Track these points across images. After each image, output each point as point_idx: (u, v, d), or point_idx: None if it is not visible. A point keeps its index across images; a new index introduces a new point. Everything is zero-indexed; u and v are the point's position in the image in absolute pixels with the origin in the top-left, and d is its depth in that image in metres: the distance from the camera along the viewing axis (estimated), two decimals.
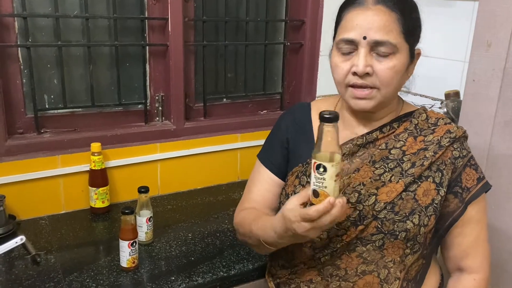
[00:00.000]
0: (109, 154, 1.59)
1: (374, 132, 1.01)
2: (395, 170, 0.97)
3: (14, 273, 1.21)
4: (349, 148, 1.01)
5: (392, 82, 0.94)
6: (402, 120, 1.03)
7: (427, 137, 1.00)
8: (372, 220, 0.95)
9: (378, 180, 0.97)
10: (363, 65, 0.91)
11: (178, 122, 1.73)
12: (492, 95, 1.32)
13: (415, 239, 0.96)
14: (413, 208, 0.94)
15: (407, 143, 1.00)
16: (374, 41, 0.91)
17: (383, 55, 0.92)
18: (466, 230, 1.00)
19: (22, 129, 1.53)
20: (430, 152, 0.97)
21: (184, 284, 1.19)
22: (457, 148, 0.99)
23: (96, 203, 1.53)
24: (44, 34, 1.52)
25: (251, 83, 1.96)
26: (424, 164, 0.96)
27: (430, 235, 1.00)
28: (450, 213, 0.99)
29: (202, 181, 1.82)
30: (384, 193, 0.95)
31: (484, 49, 1.33)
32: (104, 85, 1.66)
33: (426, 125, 1.02)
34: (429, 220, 0.95)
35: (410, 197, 0.95)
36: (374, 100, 0.95)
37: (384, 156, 0.99)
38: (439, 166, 0.98)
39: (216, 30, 1.82)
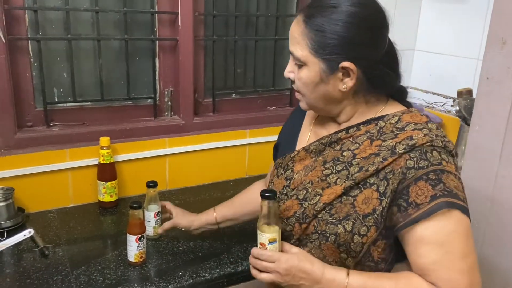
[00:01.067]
0: (117, 148, 1.59)
1: (340, 132, 0.99)
2: (342, 172, 0.94)
3: (22, 265, 1.21)
4: (315, 146, 1.02)
5: (305, 91, 0.95)
6: (371, 122, 0.97)
7: (385, 142, 0.92)
8: (312, 219, 0.94)
9: (324, 181, 0.96)
10: (286, 71, 0.97)
11: (187, 117, 1.72)
12: (506, 94, 1.29)
13: (348, 245, 0.90)
14: (349, 213, 0.90)
15: (361, 147, 0.95)
16: (290, 50, 0.95)
17: (297, 65, 0.94)
18: (420, 251, 0.85)
19: (32, 122, 1.53)
20: (379, 158, 0.90)
21: (191, 279, 1.19)
22: (413, 157, 0.87)
23: (104, 197, 1.54)
24: (54, 27, 1.52)
25: (260, 78, 1.94)
26: (368, 169, 0.90)
27: (378, 249, 0.92)
28: (393, 227, 0.89)
29: (210, 177, 1.81)
30: (327, 195, 0.94)
31: (499, 47, 1.30)
32: (113, 79, 1.66)
33: (390, 129, 0.93)
34: (368, 230, 0.88)
35: (349, 202, 0.91)
36: (303, 102, 1.00)
37: (335, 157, 0.97)
38: (386, 175, 0.88)
39: (226, 25, 1.81)
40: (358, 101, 0.97)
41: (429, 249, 0.84)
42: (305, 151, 1.03)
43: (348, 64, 0.89)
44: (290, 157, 1.06)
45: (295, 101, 2.01)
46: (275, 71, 1.94)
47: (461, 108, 1.63)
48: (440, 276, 0.83)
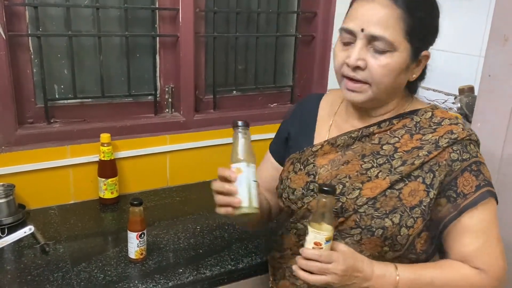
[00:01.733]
0: (118, 145, 1.59)
1: (372, 126, 0.99)
2: (384, 166, 0.94)
3: (23, 262, 1.21)
4: (343, 140, 1.00)
5: (384, 81, 0.90)
6: (404, 116, 0.99)
7: (425, 136, 0.95)
8: (352, 214, 0.93)
9: (364, 175, 0.95)
10: (354, 58, 0.89)
11: (188, 114, 1.72)
12: (508, 91, 1.28)
13: (394, 238, 0.91)
14: (396, 206, 0.91)
15: (402, 140, 0.96)
16: (370, 34, 0.88)
17: (378, 51, 0.88)
18: (464, 240, 0.91)
19: (32, 119, 1.53)
20: (424, 152, 0.93)
21: (192, 276, 1.19)
22: (456, 150, 0.92)
23: (105, 194, 1.54)
24: (54, 24, 1.51)
25: (261, 75, 1.94)
26: (414, 163, 0.92)
27: (421, 241, 0.94)
28: (441, 218, 0.93)
29: (211, 174, 1.79)
30: (369, 188, 0.93)
31: (501, 43, 1.30)
32: (114, 76, 1.65)
33: (427, 123, 0.97)
34: (415, 222, 0.90)
35: (394, 195, 0.92)
36: (364, 95, 0.93)
37: (375, 151, 0.97)
38: (432, 167, 0.92)
39: (227, 21, 1.81)
40: (404, 94, 0.99)
41: (473, 237, 0.91)
42: (330, 145, 1.01)
43: (427, 53, 0.93)
44: (312, 151, 1.02)
45: (296, 98, 2.01)
46: (276, 68, 1.93)
47: (463, 105, 1.62)
48: (484, 261, 0.90)
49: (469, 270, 0.90)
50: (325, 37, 1.91)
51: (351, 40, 0.91)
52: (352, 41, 0.91)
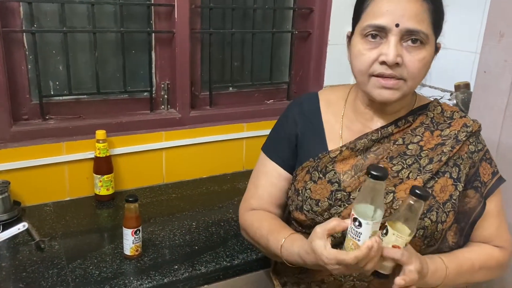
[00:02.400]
0: (114, 142, 1.58)
1: (389, 126, 0.98)
2: (413, 166, 0.94)
3: (18, 258, 1.21)
4: (363, 143, 0.97)
5: (420, 75, 0.90)
6: (417, 113, 1.00)
7: (443, 131, 0.98)
8: None
9: (396, 177, 0.94)
10: (394, 55, 0.85)
11: (184, 111, 1.72)
12: (503, 87, 1.29)
13: (432, 235, 0.93)
14: (431, 205, 0.92)
15: (424, 138, 0.97)
16: (406, 29, 0.85)
17: (413, 46, 0.87)
18: (485, 224, 0.99)
19: (27, 115, 1.52)
20: (448, 147, 0.95)
21: (187, 273, 1.19)
22: (472, 142, 0.98)
23: (101, 191, 1.53)
24: (49, 20, 1.51)
25: (257, 72, 1.93)
26: (442, 159, 0.94)
27: (452, 233, 0.96)
28: (472, 209, 0.97)
29: (207, 170, 1.81)
30: (402, 190, 0.92)
31: (496, 39, 1.30)
32: (109, 72, 1.65)
33: (442, 118, 1.00)
34: (447, 216, 0.93)
35: None
36: (400, 91, 0.90)
37: (402, 152, 0.96)
38: (456, 161, 0.95)
39: (223, 17, 1.80)
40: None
41: (492, 220, 0.99)
42: (349, 150, 0.97)
43: (440, 44, 0.95)
44: (331, 158, 0.97)
45: (292, 95, 2.01)
46: (273, 64, 1.93)
47: (459, 102, 1.62)
48: (502, 239, 1.00)
49: (493, 249, 0.99)
50: (322, 33, 1.91)
51: (380, 37, 0.88)
52: (381, 37, 0.88)
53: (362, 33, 0.89)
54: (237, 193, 1.66)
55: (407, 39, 0.87)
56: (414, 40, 0.87)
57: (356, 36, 0.92)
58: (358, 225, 0.79)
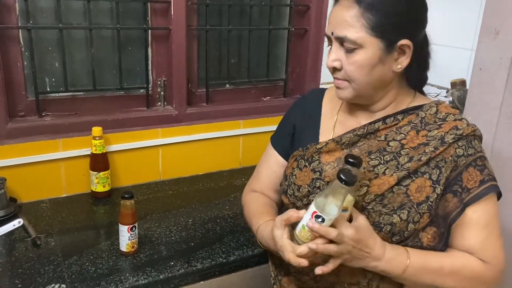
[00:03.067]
0: (110, 139, 1.58)
1: (377, 123, 0.99)
2: (391, 163, 0.95)
3: (14, 255, 1.21)
4: (349, 138, 1.00)
5: (358, 77, 0.92)
6: (409, 112, 1.00)
7: (431, 132, 0.96)
8: (360, 211, 0.93)
9: (371, 172, 0.95)
10: (330, 60, 0.94)
11: (180, 107, 1.72)
12: (498, 85, 1.29)
13: (402, 234, 0.93)
14: (403, 203, 0.92)
15: (408, 137, 0.97)
16: (337, 36, 0.92)
17: (348, 50, 0.91)
18: (466, 233, 0.94)
19: (23, 112, 1.52)
20: (431, 148, 0.94)
21: (183, 269, 1.19)
22: (462, 146, 0.94)
23: (97, 187, 1.53)
24: (45, 17, 1.50)
25: (254, 69, 1.93)
26: (421, 159, 0.93)
27: (428, 235, 0.95)
28: (449, 213, 0.94)
29: (204, 167, 1.81)
30: (376, 185, 0.94)
31: (492, 37, 1.30)
32: (105, 69, 1.64)
33: (433, 119, 0.98)
34: (421, 217, 0.92)
35: (402, 191, 0.93)
36: (347, 91, 0.96)
37: (381, 148, 0.97)
38: (438, 163, 0.93)
39: (220, 14, 1.80)
40: (402, 86, 1.00)
41: (477, 231, 0.93)
42: (335, 143, 1.01)
43: (405, 42, 0.91)
44: (316, 148, 1.02)
45: (289, 92, 2.01)
46: (269, 61, 1.93)
47: (454, 99, 1.63)
48: (487, 254, 0.94)
49: (475, 261, 0.93)
50: (318, 30, 1.91)
51: (330, 44, 0.96)
52: (330, 44, 0.96)
53: None
54: (234, 190, 1.66)
55: (344, 44, 0.92)
56: (347, 44, 0.91)
57: None
58: (320, 221, 0.84)
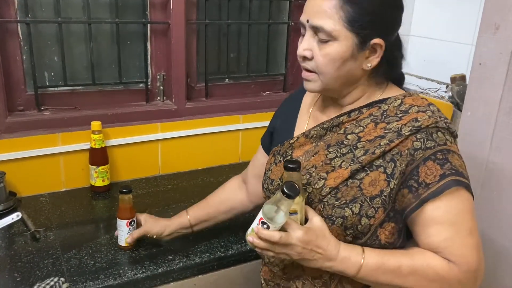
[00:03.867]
0: (109, 133, 1.58)
1: (342, 116, 0.99)
2: (347, 156, 0.94)
3: (13, 248, 1.22)
4: (316, 131, 1.00)
5: (327, 70, 0.90)
6: (373, 105, 0.98)
7: (390, 124, 0.93)
8: (318, 204, 0.93)
9: (328, 164, 0.95)
10: (302, 48, 0.91)
11: (180, 102, 1.72)
12: (498, 80, 1.29)
13: (355, 228, 0.91)
14: (356, 196, 0.90)
15: (366, 130, 0.95)
16: (312, 25, 0.89)
17: (322, 41, 0.89)
18: (429, 230, 0.89)
19: (23, 106, 1.52)
20: (386, 140, 0.91)
21: (181, 263, 1.20)
22: (420, 138, 0.89)
23: (96, 182, 1.54)
24: (44, 11, 1.50)
25: (254, 63, 1.93)
26: (375, 152, 0.90)
27: (386, 232, 0.92)
28: (404, 208, 0.91)
29: (203, 162, 1.81)
30: (332, 179, 0.93)
31: (492, 31, 1.30)
32: (105, 63, 1.64)
33: (394, 111, 0.95)
34: (376, 212, 0.89)
35: (355, 185, 0.91)
36: (315, 84, 0.93)
37: (339, 141, 0.96)
38: (393, 156, 0.90)
39: (219, 8, 1.79)
40: (370, 83, 0.98)
41: (440, 228, 0.88)
42: (304, 136, 1.02)
43: (378, 41, 0.89)
44: (289, 144, 1.04)
45: (289, 87, 2.01)
46: (269, 56, 1.92)
47: (454, 94, 1.63)
48: (453, 252, 0.87)
49: (438, 260, 0.88)
50: None
51: (303, 32, 0.93)
52: (304, 32, 0.93)
53: None
54: None
55: (317, 35, 0.89)
56: (321, 35, 0.89)
57: None
58: (266, 227, 0.86)
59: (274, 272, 1.05)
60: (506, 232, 1.29)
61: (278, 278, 1.04)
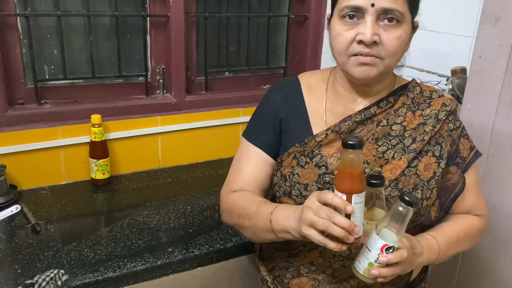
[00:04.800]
0: (109, 126, 1.59)
1: (372, 107, 0.99)
2: (398, 146, 0.96)
3: (14, 241, 1.23)
4: (348, 125, 0.98)
5: (397, 52, 0.92)
6: (398, 94, 1.02)
7: (424, 111, 1.01)
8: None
9: (381, 158, 0.95)
10: (370, 34, 0.87)
11: (179, 95, 1.72)
12: (498, 72, 1.28)
13: (418, 212, 0.95)
14: (416, 183, 0.95)
15: (407, 118, 0.99)
16: (382, 8, 0.87)
17: (389, 24, 0.89)
18: (466, 196, 1.03)
19: (23, 99, 1.52)
20: (430, 126, 0.98)
21: (180, 255, 1.20)
22: (451, 120, 1.01)
23: (97, 175, 1.54)
24: (43, 4, 1.50)
25: (254, 56, 1.93)
26: (424, 139, 0.97)
27: (435, 208, 0.99)
28: (454, 184, 1.00)
29: (203, 155, 1.82)
30: (388, 171, 0.94)
31: (492, 24, 1.29)
32: (104, 57, 1.64)
33: (421, 98, 1.03)
34: (432, 193, 0.96)
35: (413, 172, 0.95)
36: (377, 68, 0.91)
37: (386, 133, 0.98)
38: (437, 140, 0.98)
39: (219, 1, 1.79)
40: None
41: (471, 192, 1.04)
42: (335, 132, 0.98)
43: (417, 23, 0.96)
44: (317, 142, 0.98)
45: None
46: (269, 48, 1.92)
47: (454, 87, 1.62)
48: (480, 208, 1.07)
49: (473, 218, 1.05)
50: (318, 17, 1.89)
51: (357, 17, 0.89)
52: (358, 18, 0.89)
53: (340, 14, 0.91)
54: None
55: (384, 18, 0.89)
56: (390, 19, 0.89)
57: (334, 18, 0.94)
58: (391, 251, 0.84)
59: (318, 279, 1.02)
60: (506, 223, 1.29)
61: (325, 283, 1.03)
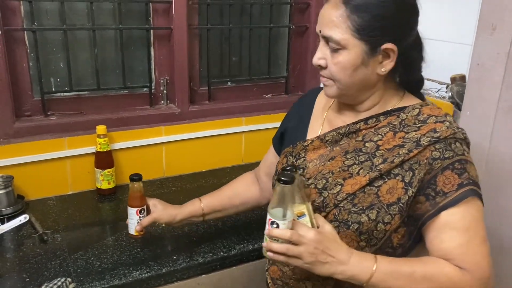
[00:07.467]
0: (114, 137, 1.62)
1: (359, 123, 1.00)
2: (365, 163, 0.95)
3: (22, 250, 1.25)
4: (332, 135, 1.02)
5: (340, 77, 0.93)
6: (392, 114, 0.99)
7: (408, 134, 0.95)
8: (333, 209, 0.95)
9: (346, 171, 0.96)
10: (316, 58, 0.95)
11: (183, 106, 1.75)
12: (496, 80, 1.30)
13: (370, 233, 0.92)
14: (373, 203, 0.92)
15: (385, 138, 0.96)
16: (323, 35, 0.93)
17: (333, 49, 0.92)
18: (444, 236, 0.89)
19: (30, 111, 1.56)
20: (405, 150, 0.93)
21: (185, 263, 1.22)
22: (439, 148, 0.91)
23: (102, 185, 1.57)
24: (49, 18, 1.54)
25: (255, 66, 1.96)
26: (394, 161, 0.92)
27: (398, 235, 0.95)
28: (420, 215, 0.92)
29: (207, 164, 1.84)
30: (349, 185, 0.94)
31: (489, 32, 1.31)
32: (109, 69, 1.68)
33: (413, 121, 0.96)
34: (392, 219, 0.91)
35: (373, 192, 0.93)
36: (332, 89, 0.96)
37: (357, 148, 0.98)
38: (412, 165, 0.91)
39: (221, 13, 1.82)
40: (387, 88, 0.99)
41: (454, 234, 0.89)
42: (319, 140, 1.03)
43: (390, 46, 0.90)
44: (303, 146, 1.05)
45: (290, 89, 2.03)
46: (270, 58, 1.95)
47: (454, 94, 1.64)
48: (467, 260, 0.87)
49: (452, 268, 0.87)
50: None
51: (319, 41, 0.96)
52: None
53: None
54: None
55: (329, 44, 0.92)
56: (332, 44, 0.92)
57: None
58: (276, 227, 0.86)
59: (283, 271, 1.06)
60: (506, 230, 1.30)
61: (287, 278, 1.05)
